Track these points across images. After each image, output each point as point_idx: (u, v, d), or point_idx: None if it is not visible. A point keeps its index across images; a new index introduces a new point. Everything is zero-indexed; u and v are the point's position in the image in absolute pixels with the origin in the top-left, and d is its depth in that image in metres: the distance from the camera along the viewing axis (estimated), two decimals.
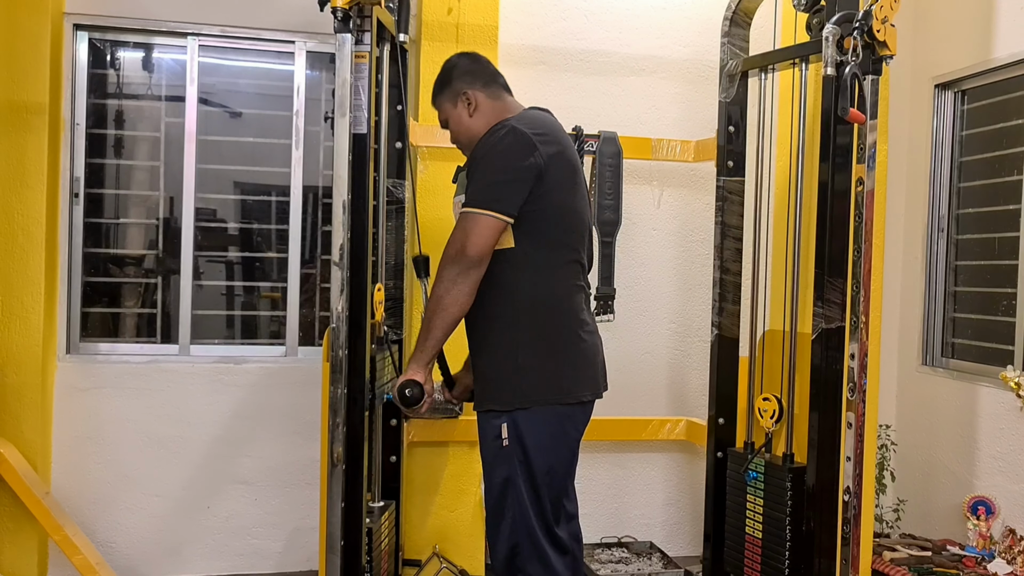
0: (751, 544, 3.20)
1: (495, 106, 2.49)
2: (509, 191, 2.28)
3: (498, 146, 2.31)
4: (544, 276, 2.35)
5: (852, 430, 2.81)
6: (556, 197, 2.35)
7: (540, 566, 2.35)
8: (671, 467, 4.03)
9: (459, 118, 2.51)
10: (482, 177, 2.32)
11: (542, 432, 2.34)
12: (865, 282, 2.79)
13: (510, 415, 2.33)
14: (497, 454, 2.36)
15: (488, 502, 2.42)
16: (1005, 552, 3.38)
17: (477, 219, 2.27)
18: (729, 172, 3.42)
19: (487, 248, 2.28)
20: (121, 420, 3.52)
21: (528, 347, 2.33)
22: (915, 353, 4.02)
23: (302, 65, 3.71)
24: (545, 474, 2.35)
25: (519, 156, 2.29)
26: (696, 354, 4.00)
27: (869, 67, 2.76)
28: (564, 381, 2.36)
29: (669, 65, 3.97)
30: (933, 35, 3.97)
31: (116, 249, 3.70)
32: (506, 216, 2.28)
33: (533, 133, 2.32)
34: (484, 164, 2.33)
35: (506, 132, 2.32)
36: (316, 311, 3.81)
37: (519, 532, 2.34)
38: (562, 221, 2.37)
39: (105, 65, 3.67)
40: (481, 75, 2.53)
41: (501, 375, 2.36)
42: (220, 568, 3.61)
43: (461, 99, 2.50)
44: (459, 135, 2.54)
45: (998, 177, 3.70)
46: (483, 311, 2.38)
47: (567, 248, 2.39)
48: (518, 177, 2.29)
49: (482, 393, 2.43)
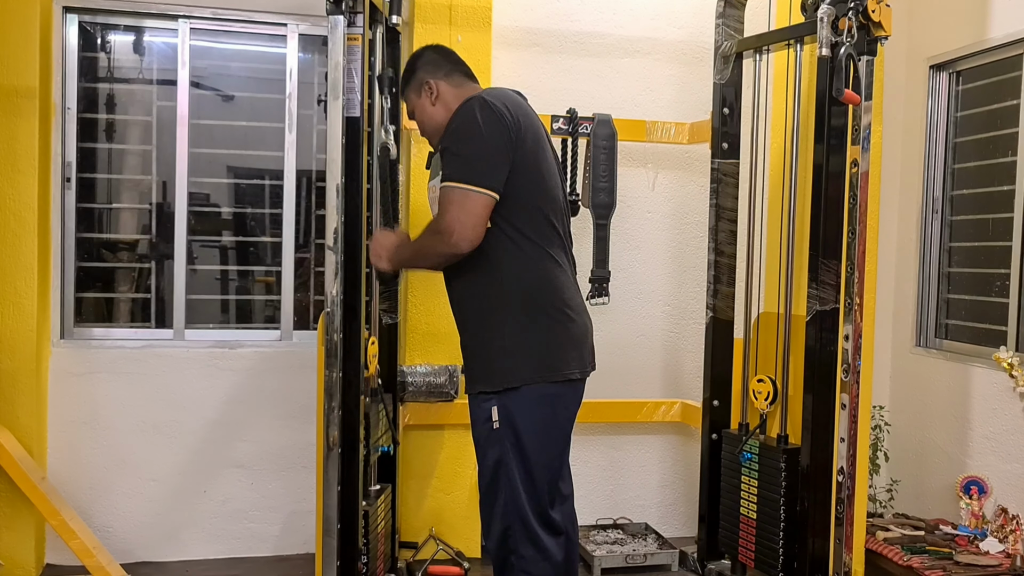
0: (746, 525, 3.22)
1: (457, 93, 2.47)
2: (492, 164, 2.24)
3: (471, 118, 2.26)
4: (527, 253, 2.32)
5: (846, 411, 2.83)
6: (532, 169, 2.32)
7: (532, 548, 2.35)
8: (666, 449, 4.05)
9: (423, 107, 2.50)
10: (463, 149, 2.26)
11: (533, 414, 2.33)
12: (859, 263, 2.80)
13: (500, 397, 2.33)
14: (488, 436, 2.36)
15: (481, 484, 2.42)
16: (997, 531, 3.41)
17: (469, 196, 2.21)
18: (724, 154, 3.41)
19: (480, 235, 2.24)
20: (116, 405, 3.52)
21: (513, 327, 2.32)
22: (909, 334, 4.03)
23: (294, 48, 3.69)
24: (537, 455, 2.35)
25: (494, 126, 2.25)
26: (691, 336, 4.01)
27: (864, 48, 2.76)
28: (550, 359, 2.34)
29: (663, 46, 3.95)
30: (928, 15, 3.96)
31: (109, 234, 3.68)
32: (494, 192, 2.24)
33: (502, 104, 2.29)
34: (460, 137, 2.28)
35: (479, 105, 2.28)
36: (311, 295, 3.80)
37: (511, 514, 2.35)
38: (540, 194, 2.35)
39: (96, 48, 3.64)
40: (443, 64, 2.51)
41: (489, 356, 2.36)
42: (217, 552, 3.62)
43: (424, 89, 2.49)
44: (423, 124, 2.53)
45: (992, 158, 3.70)
46: (467, 291, 2.38)
47: (547, 224, 2.36)
48: (497, 147, 2.25)
49: (471, 375, 2.43)
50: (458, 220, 2.21)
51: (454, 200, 2.22)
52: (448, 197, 2.24)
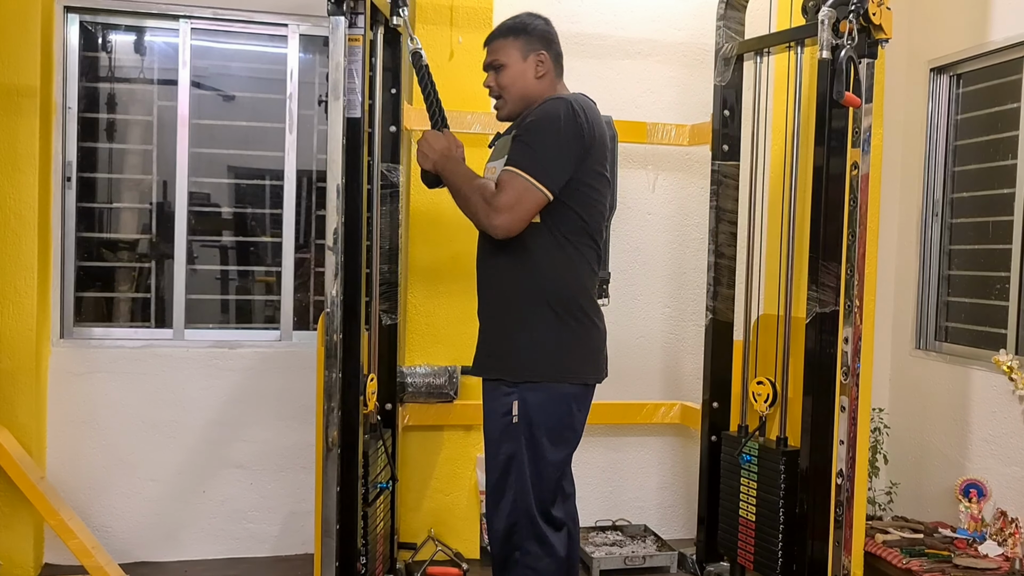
0: (745, 527, 3.22)
1: (554, 83, 2.50)
2: (557, 167, 2.28)
3: (556, 118, 2.29)
4: (568, 256, 2.36)
5: (845, 413, 2.83)
6: (588, 184, 2.36)
7: (536, 544, 2.37)
8: (665, 450, 4.05)
9: (523, 72, 2.46)
10: (538, 143, 2.28)
11: (550, 412, 2.36)
12: (859, 266, 2.80)
13: (519, 391, 2.35)
14: (505, 430, 2.37)
15: (490, 478, 2.42)
16: (996, 534, 3.41)
17: (528, 188, 2.25)
18: (724, 156, 3.41)
19: (520, 229, 2.28)
20: (116, 405, 3.52)
21: (542, 324, 2.35)
22: (909, 337, 4.03)
23: (295, 48, 3.69)
24: (550, 454, 2.38)
25: (572, 134, 2.29)
26: (691, 338, 4.01)
27: (865, 50, 2.76)
28: (571, 361, 2.38)
29: (664, 48, 3.95)
30: (929, 18, 3.96)
31: (109, 233, 3.68)
32: (550, 193, 2.28)
33: (584, 116, 2.33)
34: (540, 130, 2.30)
35: (565, 108, 2.31)
36: (311, 295, 3.80)
37: (518, 511, 2.36)
38: (589, 205, 2.38)
39: (97, 48, 3.64)
40: (556, 46, 2.53)
41: (514, 346, 2.37)
42: (216, 552, 3.62)
43: (534, 56, 2.46)
44: (512, 88, 2.47)
45: (993, 161, 3.70)
46: (503, 278, 2.40)
47: (588, 235, 2.40)
48: (567, 154, 2.29)
49: (489, 361, 2.43)
50: (509, 206, 2.25)
51: (514, 187, 2.26)
52: (509, 181, 2.27)
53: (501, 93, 2.49)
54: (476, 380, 3.57)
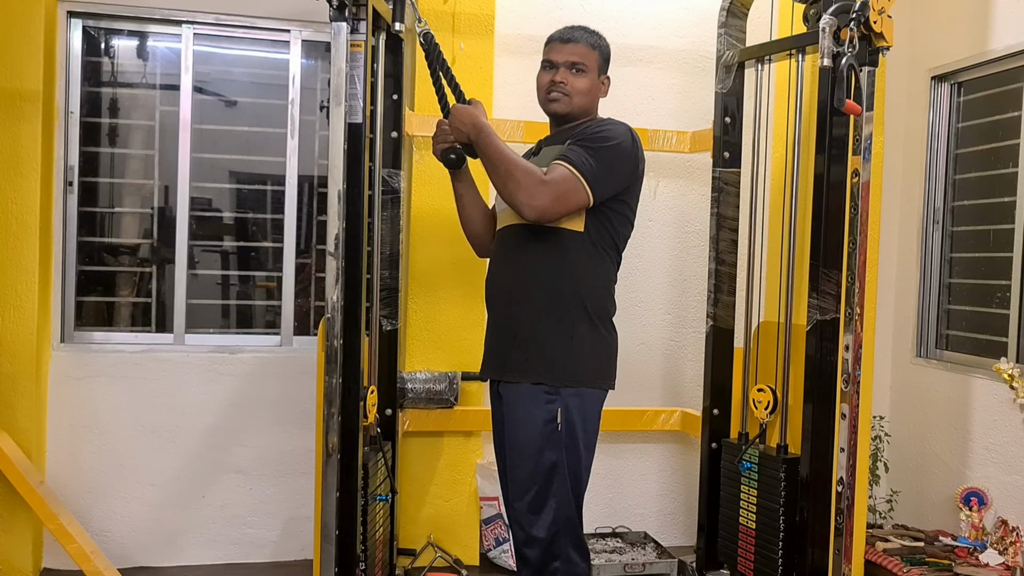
0: (745, 534, 3.21)
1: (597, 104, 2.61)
2: (608, 180, 2.37)
3: (620, 137, 2.42)
4: (605, 268, 2.47)
5: (846, 421, 2.82)
6: (630, 204, 2.50)
7: (577, 552, 2.40)
8: (665, 457, 4.04)
9: (596, 87, 2.56)
10: (599, 150, 2.37)
11: (588, 418, 2.42)
12: (860, 274, 2.79)
13: (562, 398, 2.37)
14: (549, 438, 2.37)
15: (529, 486, 2.38)
16: (997, 543, 3.40)
17: (577, 187, 2.32)
18: (725, 163, 3.42)
19: (553, 220, 2.34)
20: (116, 409, 3.52)
21: (582, 330, 2.40)
22: (909, 345, 4.03)
23: (297, 54, 3.70)
24: (586, 459, 2.43)
25: (629, 158, 2.42)
26: (691, 345, 4.00)
27: (866, 58, 2.76)
28: (603, 368, 2.46)
29: (665, 56, 3.96)
30: (930, 26, 3.97)
31: (111, 238, 3.69)
32: (593, 199, 2.35)
33: (639, 149, 2.47)
34: (604, 141, 2.39)
35: (630, 136, 2.45)
36: (311, 301, 3.80)
37: (561, 519, 2.37)
38: (624, 227, 2.50)
39: (99, 53, 3.65)
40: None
41: (556, 349, 2.39)
42: (215, 557, 3.62)
43: (605, 78, 2.61)
44: (582, 95, 2.52)
45: (994, 169, 3.70)
46: (542, 280, 2.41)
47: (617, 250, 2.52)
48: (619, 174, 2.40)
49: (528, 364, 2.41)
50: (554, 195, 2.30)
51: (566, 181, 2.31)
52: (561, 174, 2.32)
53: (571, 93, 2.52)
54: (477, 386, 3.60)
